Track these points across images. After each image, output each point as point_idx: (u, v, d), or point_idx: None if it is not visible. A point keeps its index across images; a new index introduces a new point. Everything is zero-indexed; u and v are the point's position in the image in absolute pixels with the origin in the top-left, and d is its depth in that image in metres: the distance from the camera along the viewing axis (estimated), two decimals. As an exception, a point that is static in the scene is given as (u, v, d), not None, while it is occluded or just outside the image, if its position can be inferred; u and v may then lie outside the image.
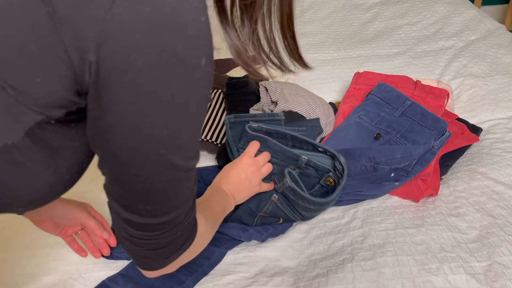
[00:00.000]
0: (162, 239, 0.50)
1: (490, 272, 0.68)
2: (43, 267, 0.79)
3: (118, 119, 0.39)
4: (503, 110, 1.09)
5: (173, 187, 0.46)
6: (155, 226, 0.48)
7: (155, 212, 0.47)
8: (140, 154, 0.41)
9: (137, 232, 0.49)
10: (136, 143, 0.40)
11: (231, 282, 0.74)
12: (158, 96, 0.38)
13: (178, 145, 0.43)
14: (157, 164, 0.43)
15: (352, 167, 0.85)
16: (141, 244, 0.50)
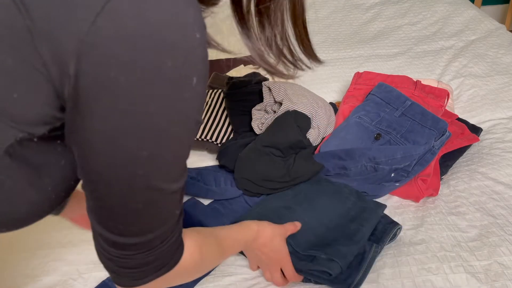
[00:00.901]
0: (132, 260, 0.47)
1: (490, 271, 0.68)
2: (43, 267, 0.79)
3: (95, 135, 0.37)
4: (503, 110, 1.09)
5: (147, 209, 0.43)
6: (126, 246, 0.45)
7: (126, 232, 0.44)
8: (116, 173, 0.39)
9: (108, 247, 0.46)
10: (112, 161, 0.38)
11: (231, 283, 0.74)
12: (138, 115, 0.36)
13: (159, 167, 0.40)
14: (132, 184, 0.40)
15: (352, 167, 0.85)
16: (111, 259, 0.47)
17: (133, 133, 0.37)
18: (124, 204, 0.42)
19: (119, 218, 0.44)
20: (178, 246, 0.52)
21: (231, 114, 1.04)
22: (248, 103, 1.03)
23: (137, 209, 0.43)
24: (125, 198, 0.42)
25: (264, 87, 0.97)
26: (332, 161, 0.89)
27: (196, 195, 0.92)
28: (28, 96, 0.35)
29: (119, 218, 0.44)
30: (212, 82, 1.19)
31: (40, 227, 0.88)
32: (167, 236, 0.48)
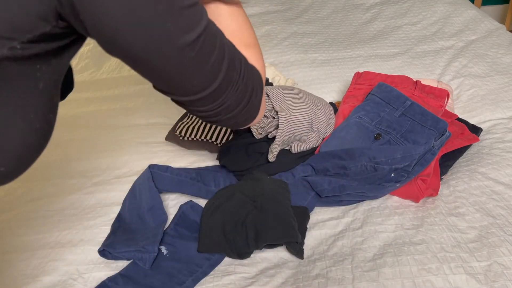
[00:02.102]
0: (226, 102, 0.51)
1: (490, 272, 0.68)
2: (43, 267, 0.79)
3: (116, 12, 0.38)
4: (503, 110, 1.09)
5: (200, 55, 0.45)
6: (214, 93, 0.49)
7: (199, 86, 0.48)
8: (153, 38, 0.41)
9: (205, 107, 0.51)
10: (144, 30, 0.40)
11: (231, 282, 0.74)
12: None
13: (178, 11, 0.41)
14: (171, 40, 0.42)
15: (352, 167, 0.85)
16: (217, 114, 0.52)
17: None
18: (177, 65, 0.44)
19: (183, 81, 0.46)
20: (254, 73, 0.57)
21: None
22: None
23: (181, 69, 0.45)
24: (176, 57, 0.44)
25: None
26: (332, 161, 0.89)
27: (195, 195, 0.92)
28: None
29: (181, 84, 0.47)
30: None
31: (40, 227, 0.88)
32: (237, 66, 0.52)
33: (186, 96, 0.50)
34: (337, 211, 0.87)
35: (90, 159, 1.06)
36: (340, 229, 0.82)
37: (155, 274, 0.77)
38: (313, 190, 0.89)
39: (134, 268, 0.78)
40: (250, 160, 0.94)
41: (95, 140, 1.14)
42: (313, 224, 0.85)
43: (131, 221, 0.87)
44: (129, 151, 1.08)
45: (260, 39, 1.55)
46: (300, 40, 1.52)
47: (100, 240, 0.84)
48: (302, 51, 1.45)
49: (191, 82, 0.47)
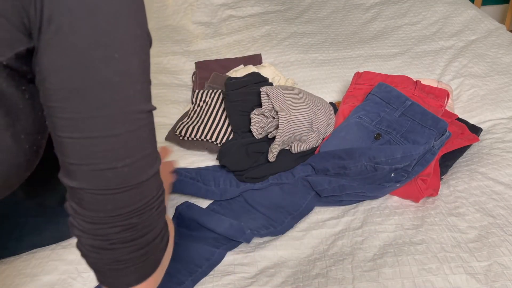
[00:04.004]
0: (140, 216, 0.44)
1: (490, 272, 0.68)
2: (42, 266, 0.79)
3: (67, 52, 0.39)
4: (503, 110, 1.09)
5: (141, 131, 0.43)
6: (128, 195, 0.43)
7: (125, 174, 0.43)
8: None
9: (107, 214, 0.43)
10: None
11: (230, 282, 0.74)
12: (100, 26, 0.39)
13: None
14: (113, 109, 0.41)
15: (352, 167, 0.85)
16: (109, 236, 0.43)
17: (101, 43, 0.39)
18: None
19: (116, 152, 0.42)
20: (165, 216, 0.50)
21: (230, 114, 1.04)
22: (247, 103, 1.03)
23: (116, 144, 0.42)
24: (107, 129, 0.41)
25: (262, 93, 0.97)
26: (332, 161, 0.89)
27: (195, 195, 0.92)
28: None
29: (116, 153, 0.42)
30: (212, 82, 1.19)
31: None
32: (159, 186, 0.47)
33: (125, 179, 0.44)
34: (337, 211, 0.87)
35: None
36: (340, 229, 0.82)
37: (154, 274, 0.77)
38: (313, 189, 0.89)
39: (133, 268, 0.78)
40: (250, 160, 0.94)
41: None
42: (313, 224, 0.85)
43: (130, 221, 0.87)
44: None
45: (260, 39, 1.55)
46: (300, 40, 1.52)
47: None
48: (302, 51, 1.45)
49: (137, 155, 0.44)
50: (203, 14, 1.74)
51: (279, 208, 0.87)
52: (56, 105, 0.41)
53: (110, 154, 0.42)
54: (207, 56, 1.48)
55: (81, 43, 0.39)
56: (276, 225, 0.84)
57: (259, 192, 0.91)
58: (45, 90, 0.41)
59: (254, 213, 0.87)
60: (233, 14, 1.74)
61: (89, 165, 0.42)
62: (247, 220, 0.85)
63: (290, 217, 0.85)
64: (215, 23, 1.70)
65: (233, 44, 1.55)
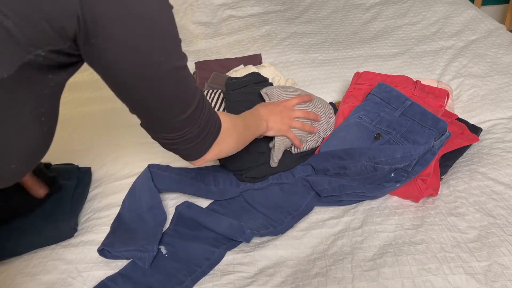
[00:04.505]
0: (190, 134, 0.62)
1: (490, 272, 0.68)
2: (42, 266, 0.79)
3: (117, 47, 0.48)
4: (503, 110, 1.09)
5: (177, 88, 0.56)
6: (179, 127, 0.61)
7: (172, 117, 0.59)
8: (146, 68, 0.51)
9: (168, 134, 0.61)
10: (138, 58, 0.50)
11: (230, 282, 0.74)
12: (146, 16, 0.48)
13: (171, 48, 0.53)
14: (159, 71, 0.52)
15: (352, 167, 0.85)
16: (176, 144, 0.63)
17: (147, 31, 0.49)
18: (163, 90, 0.55)
19: (163, 107, 0.57)
20: (214, 113, 0.67)
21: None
22: (248, 103, 1.03)
23: (173, 90, 0.56)
24: (162, 85, 0.54)
25: (263, 94, 0.97)
26: (332, 161, 0.89)
27: (195, 195, 0.92)
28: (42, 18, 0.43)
29: (163, 107, 0.57)
30: (212, 82, 1.19)
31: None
32: (201, 105, 0.62)
33: (162, 121, 0.60)
34: (337, 211, 0.87)
35: (90, 159, 1.06)
36: (340, 229, 0.82)
37: (154, 273, 0.77)
38: (313, 189, 0.89)
39: (133, 267, 0.78)
40: (250, 160, 0.94)
41: (95, 140, 1.14)
42: (313, 223, 0.85)
43: (130, 221, 0.87)
44: (129, 151, 1.08)
45: (260, 39, 1.55)
46: (300, 40, 1.52)
47: (99, 239, 0.84)
48: (302, 51, 1.45)
49: (172, 105, 0.58)
50: (203, 14, 1.74)
51: (279, 208, 0.87)
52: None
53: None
54: (207, 56, 1.48)
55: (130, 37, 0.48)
56: (276, 225, 0.84)
57: (259, 192, 0.92)
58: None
59: (254, 213, 0.87)
60: (233, 14, 1.74)
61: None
62: (247, 220, 0.85)
63: (290, 217, 0.85)
64: (215, 23, 1.70)
65: (233, 44, 1.55)
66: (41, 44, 0.44)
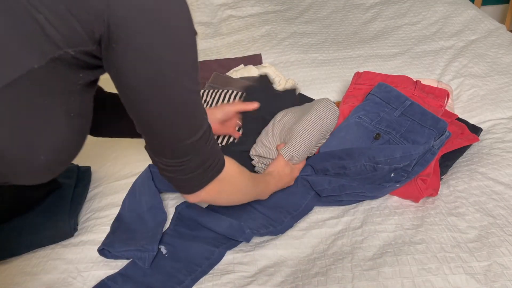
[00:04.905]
0: (189, 163, 0.59)
1: (490, 272, 0.68)
2: (43, 266, 0.79)
3: (135, 55, 0.48)
4: (503, 110, 1.09)
5: (185, 111, 0.55)
6: (179, 153, 0.58)
7: (176, 141, 0.57)
8: (160, 81, 0.51)
9: (168, 161, 0.59)
10: (156, 73, 0.50)
11: (230, 281, 0.74)
12: (167, 29, 0.49)
13: (187, 69, 0.53)
14: (175, 87, 0.52)
15: (352, 167, 0.85)
16: (174, 171, 0.60)
17: (168, 44, 0.49)
18: (170, 109, 0.54)
19: (169, 127, 0.55)
20: (219, 150, 0.64)
21: (244, 120, 1.03)
22: (261, 111, 1.02)
23: (178, 112, 0.55)
24: (169, 104, 0.53)
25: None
26: (332, 161, 0.89)
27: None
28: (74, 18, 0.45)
29: (169, 127, 0.56)
30: (212, 81, 1.19)
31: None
32: (207, 136, 0.60)
33: (165, 143, 0.58)
34: (337, 211, 0.87)
35: (90, 159, 1.06)
36: (340, 228, 0.82)
37: (154, 273, 0.77)
38: (313, 189, 0.89)
39: (133, 267, 0.78)
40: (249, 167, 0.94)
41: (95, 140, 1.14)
42: (313, 223, 0.85)
43: (130, 221, 0.87)
44: (129, 151, 1.08)
45: (260, 39, 1.55)
46: (300, 40, 1.52)
47: (99, 239, 0.84)
48: (302, 51, 1.45)
49: (179, 126, 0.56)
50: (203, 14, 1.74)
51: (278, 208, 0.87)
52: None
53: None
54: (207, 56, 1.48)
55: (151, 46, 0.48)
56: (276, 224, 0.84)
57: (259, 192, 0.92)
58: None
59: (254, 212, 0.87)
60: (233, 14, 1.74)
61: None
62: (247, 219, 0.85)
63: (290, 216, 0.85)
64: (215, 23, 1.70)
65: (233, 44, 1.55)
66: (72, 43, 0.45)
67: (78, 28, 0.45)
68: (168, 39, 0.49)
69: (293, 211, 0.86)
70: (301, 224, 0.85)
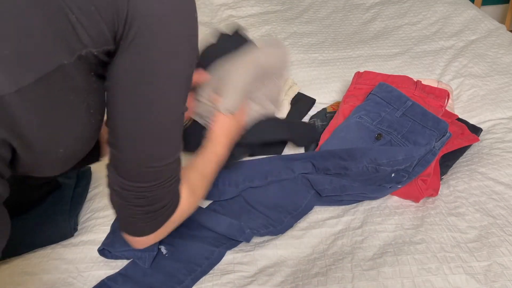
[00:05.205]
0: (151, 192, 0.57)
1: (490, 272, 0.68)
2: (43, 266, 0.79)
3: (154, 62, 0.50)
4: (503, 110, 1.09)
5: (175, 127, 0.56)
6: (154, 171, 0.56)
7: (158, 152, 0.56)
8: (153, 91, 0.52)
9: (132, 183, 0.56)
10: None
11: (230, 281, 0.74)
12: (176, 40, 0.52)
13: (180, 87, 0.55)
14: (165, 100, 0.53)
15: (353, 168, 0.85)
16: (143, 196, 0.57)
17: (167, 57, 0.51)
18: (155, 122, 0.54)
19: (150, 140, 0.55)
20: (178, 188, 0.62)
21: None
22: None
23: (163, 126, 0.55)
24: (156, 116, 0.54)
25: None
26: (333, 161, 0.89)
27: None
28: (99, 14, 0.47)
29: (150, 141, 0.55)
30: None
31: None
32: (179, 161, 0.59)
33: (139, 160, 0.56)
34: (337, 210, 0.87)
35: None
36: (340, 228, 0.82)
37: (154, 273, 0.77)
38: (313, 188, 0.89)
39: (133, 267, 0.78)
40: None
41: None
42: (313, 223, 0.85)
43: (130, 221, 0.87)
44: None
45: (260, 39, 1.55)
46: (300, 40, 1.52)
47: (99, 239, 0.84)
48: (302, 51, 1.45)
49: (159, 141, 0.56)
50: (203, 14, 1.74)
51: (278, 208, 0.87)
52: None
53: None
54: (207, 56, 1.48)
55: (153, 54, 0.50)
56: (276, 224, 0.84)
57: (259, 191, 0.91)
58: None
59: (253, 212, 0.87)
60: (233, 14, 1.74)
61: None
62: (247, 219, 0.85)
63: (290, 216, 0.85)
64: (215, 23, 1.70)
65: (233, 44, 1.55)
66: (97, 43, 0.48)
67: (104, 29, 0.47)
68: (172, 50, 0.51)
69: (293, 211, 0.86)
70: (301, 224, 0.85)
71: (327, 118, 1.08)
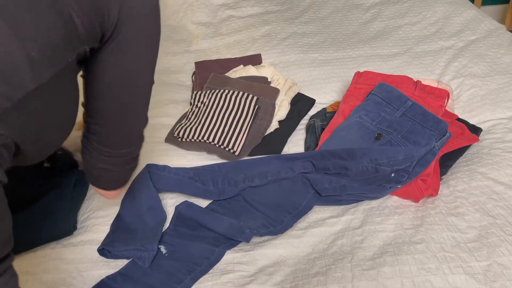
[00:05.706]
0: (135, 152, 0.73)
1: (490, 272, 0.68)
2: (43, 265, 0.79)
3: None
4: (503, 110, 1.09)
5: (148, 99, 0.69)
6: (136, 137, 0.72)
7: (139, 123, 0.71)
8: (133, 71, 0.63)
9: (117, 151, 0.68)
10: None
11: (229, 281, 0.74)
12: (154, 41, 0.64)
13: (153, 65, 0.68)
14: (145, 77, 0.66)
15: (353, 168, 0.85)
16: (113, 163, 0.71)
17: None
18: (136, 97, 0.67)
19: (130, 114, 0.68)
20: None
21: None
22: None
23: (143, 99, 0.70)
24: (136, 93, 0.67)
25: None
26: (333, 160, 0.89)
27: (193, 195, 0.92)
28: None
29: (130, 113, 0.68)
30: (210, 82, 1.19)
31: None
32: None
33: (128, 128, 0.69)
34: (337, 210, 0.87)
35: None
36: (339, 228, 0.82)
37: (154, 273, 0.77)
38: (313, 188, 0.89)
39: (133, 267, 0.78)
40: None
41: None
42: (312, 223, 0.85)
43: (130, 221, 0.87)
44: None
45: (260, 39, 1.55)
46: (300, 40, 1.52)
47: (99, 239, 0.84)
48: (302, 51, 1.45)
49: (142, 114, 0.69)
50: (203, 14, 1.74)
51: (278, 207, 0.87)
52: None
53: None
54: (207, 56, 1.48)
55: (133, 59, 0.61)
56: (275, 224, 0.84)
57: (259, 191, 0.91)
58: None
59: (253, 212, 0.87)
60: (233, 14, 1.74)
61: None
62: (247, 219, 0.85)
63: (290, 216, 0.85)
64: (215, 23, 1.70)
65: (233, 44, 1.55)
66: (90, 41, 0.53)
67: (98, 29, 0.53)
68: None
69: (292, 210, 0.86)
70: (300, 223, 0.85)
71: (327, 118, 1.08)
